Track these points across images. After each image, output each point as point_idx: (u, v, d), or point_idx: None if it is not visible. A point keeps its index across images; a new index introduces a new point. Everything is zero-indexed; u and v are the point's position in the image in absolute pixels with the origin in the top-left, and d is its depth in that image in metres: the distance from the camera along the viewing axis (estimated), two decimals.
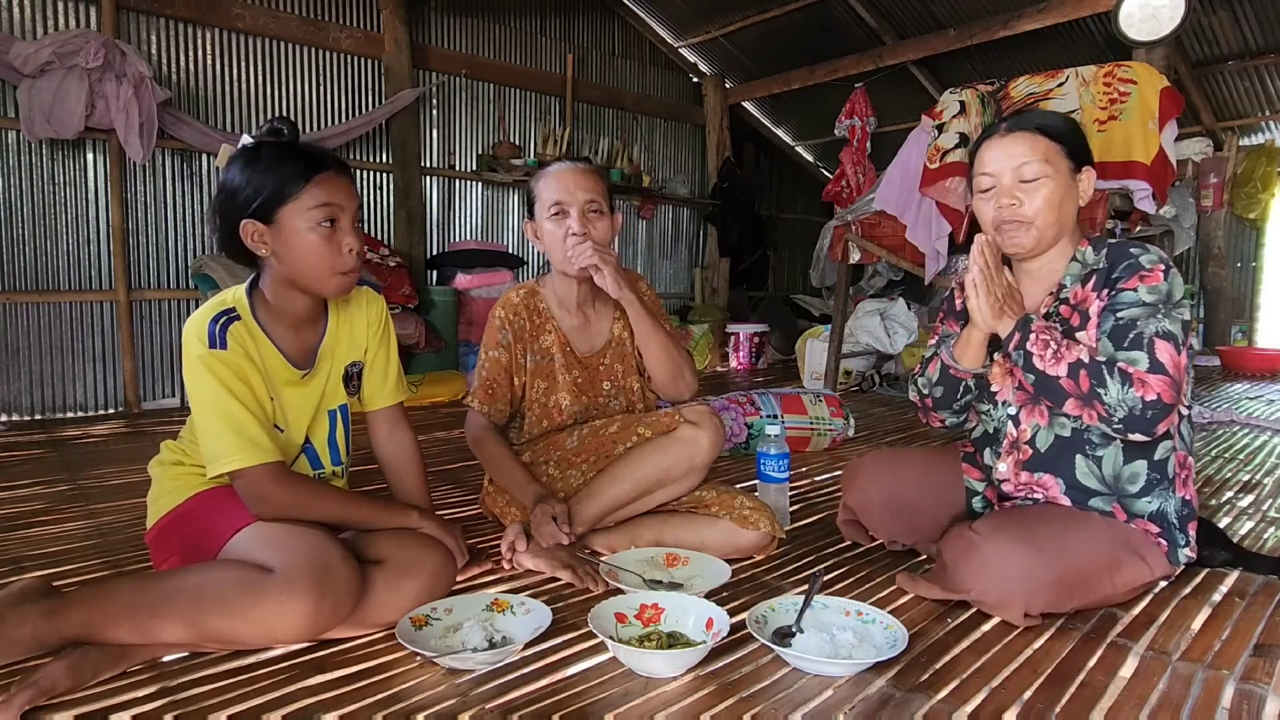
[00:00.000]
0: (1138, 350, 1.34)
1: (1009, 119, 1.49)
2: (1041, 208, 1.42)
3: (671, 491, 1.71)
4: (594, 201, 1.73)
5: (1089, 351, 1.36)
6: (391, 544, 1.39)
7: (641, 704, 1.12)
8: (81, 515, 2.08)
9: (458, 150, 5.06)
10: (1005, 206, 1.45)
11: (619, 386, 1.89)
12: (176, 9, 3.82)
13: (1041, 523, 1.42)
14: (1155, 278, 1.37)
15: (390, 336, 1.61)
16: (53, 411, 3.66)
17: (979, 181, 1.50)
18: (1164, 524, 1.45)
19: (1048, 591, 1.33)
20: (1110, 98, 3.22)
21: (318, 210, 1.33)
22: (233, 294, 1.41)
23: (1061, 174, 1.43)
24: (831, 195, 5.82)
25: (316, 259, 1.35)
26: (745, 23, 5.77)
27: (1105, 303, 1.41)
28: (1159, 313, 1.35)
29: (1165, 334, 1.34)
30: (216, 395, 1.29)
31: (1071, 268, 1.48)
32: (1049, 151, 1.43)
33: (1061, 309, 1.47)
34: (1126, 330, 1.36)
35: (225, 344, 1.31)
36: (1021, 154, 1.44)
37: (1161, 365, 1.32)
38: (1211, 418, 3.57)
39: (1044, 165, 1.42)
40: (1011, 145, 1.45)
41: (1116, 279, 1.41)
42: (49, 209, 3.60)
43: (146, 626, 1.18)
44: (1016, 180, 1.44)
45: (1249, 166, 5.81)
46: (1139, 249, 1.42)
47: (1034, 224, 1.43)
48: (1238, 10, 4.82)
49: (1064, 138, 1.45)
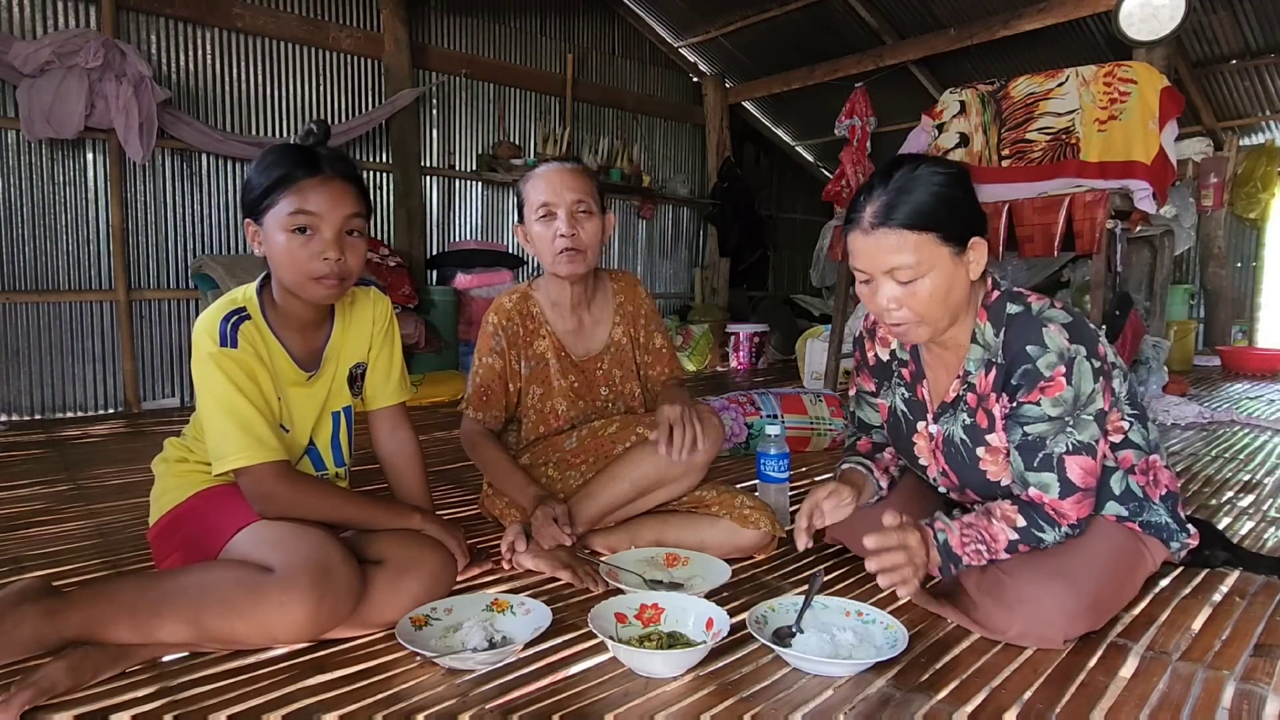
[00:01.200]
0: (1048, 472, 1.30)
1: (873, 203, 1.28)
2: (924, 308, 1.29)
3: (671, 491, 1.71)
4: (582, 201, 1.72)
5: (1007, 520, 1.32)
6: (392, 544, 1.39)
7: (641, 704, 1.12)
8: (81, 515, 2.08)
9: (458, 150, 5.06)
10: (887, 310, 1.32)
11: (617, 391, 1.89)
12: (176, 9, 3.82)
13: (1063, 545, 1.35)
14: (1057, 387, 1.28)
15: (394, 335, 1.61)
16: (53, 411, 3.66)
17: (855, 273, 1.35)
18: (1158, 530, 1.45)
19: (1087, 616, 1.31)
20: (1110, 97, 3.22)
21: (293, 216, 1.33)
22: (243, 293, 1.41)
23: (941, 264, 1.27)
24: (831, 195, 5.80)
25: (288, 265, 1.35)
26: (745, 23, 5.77)
27: (1006, 410, 1.35)
28: (1066, 425, 1.29)
29: (1076, 447, 1.29)
30: (225, 393, 1.30)
31: (973, 351, 1.38)
32: (920, 246, 1.25)
33: (969, 397, 1.40)
34: (1036, 449, 1.31)
35: (236, 343, 1.32)
36: (889, 256, 1.27)
37: (1072, 486, 1.30)
38: (1211, 418, 3.56)
39: (917, 265, 1.26)
40: (878, 244, 1.28)
41: (1017, 386, 1.32)
42: (49, 209, 3.60)
43: (147, 626, 1.18)
44: (892, 283, 1.29)
45: (1249, 166, 5.81)
46: (1034, 344, 1.29)
47: (922, 322, 1.31)
48: (1238, 10, 4.82)
49: (936, 222, 1.25)
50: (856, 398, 1.68)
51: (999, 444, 1.38)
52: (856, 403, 1.69)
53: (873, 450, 1.65)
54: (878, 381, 1.61)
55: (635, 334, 1.91)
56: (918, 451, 1.52)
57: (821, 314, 6.50)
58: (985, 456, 1.40)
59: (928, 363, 1.49)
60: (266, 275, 1.45)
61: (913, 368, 1.51)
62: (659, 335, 1.93)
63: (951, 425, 1.44)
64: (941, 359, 1.46)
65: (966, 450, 1.42)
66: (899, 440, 1.58)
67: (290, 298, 1.41)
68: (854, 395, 1.69)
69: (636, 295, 1.92)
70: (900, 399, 1.54)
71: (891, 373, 1.57)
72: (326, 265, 1.34)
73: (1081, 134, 3.28)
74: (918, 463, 1.54)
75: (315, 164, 1.35)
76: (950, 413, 1.44)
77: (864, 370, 1.64)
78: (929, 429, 1.48)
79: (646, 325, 1.92)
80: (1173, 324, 5.37)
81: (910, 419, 1.52)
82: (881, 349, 1.59)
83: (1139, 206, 3.07)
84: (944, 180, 1.28)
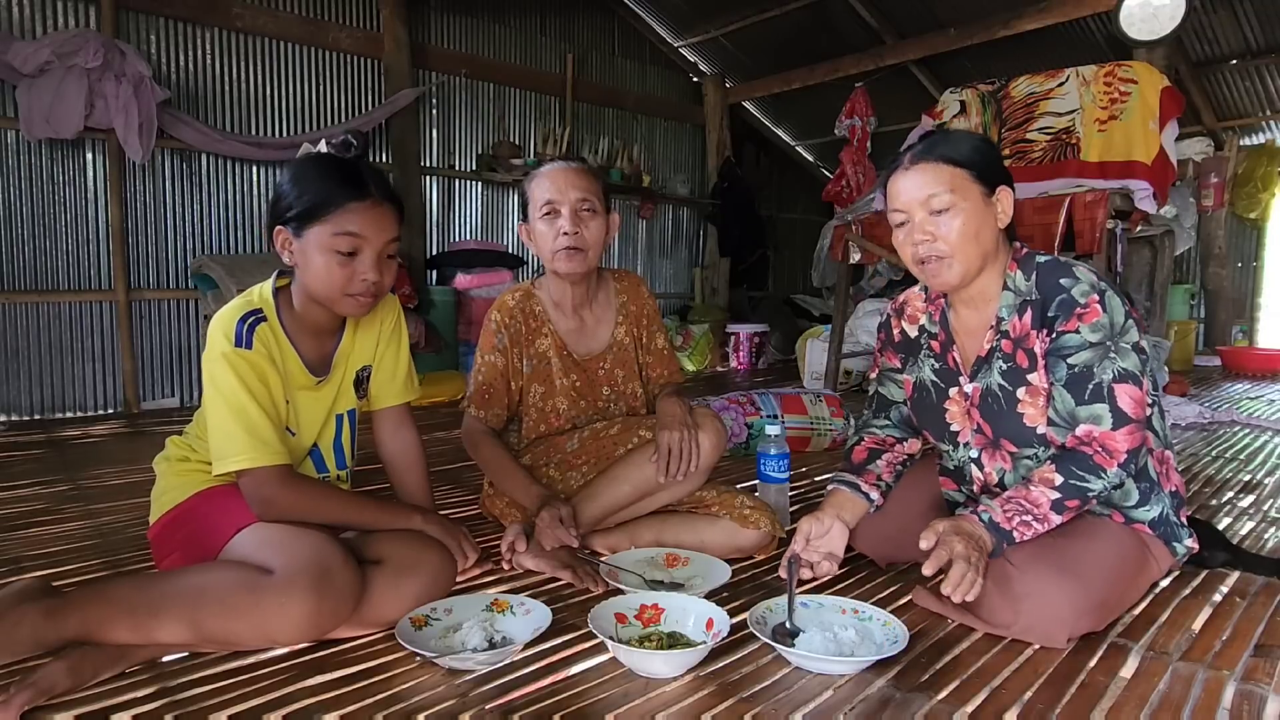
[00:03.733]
0: (1099, 403, 1.31)
1: (914, 148, 1.43)
2: (957, 241, 1.36)
3: (672, 494, 1.71)
4: (586, 200, 1.72)
5: (1045, 483, 1.32)
6: (392, 544, 1.39)
7: (641, 704, 1.12)
8: (81, 515, 2.08)
9: (457, 150, 5.06)
10: (921, 243, 1.39)
11: (619, 392, 1.88)
12: (176, 9, 3.82)
13: (1069, 540, 1.36)
14: (1093, 313, 1.33)
15: (401, 335, 1.61)
16: (52, 411, 3.66)
17: (892, 217, 1.45)
18: (1164, 526, 1.45)
19: (1092, 615, 1.31)
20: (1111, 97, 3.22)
21: (339, 238, 1.33)
22: (259, 294, 1.41)
23: (973, 200, 1.37)
24: (831, 195, 5.81)
25: (326, 282, 1.36)
26: (745, 22, 5.77)
27: (1047, 345, 1.37)
28: (1110, 351, 1.32)
29: (1123, 374, 1.31)
30: (234, 393, 1.30)
31: (1005, 297, 1.43)
32: (955, 180, 1.37)
33: (1003, 344, 1.43)
34: (1084, 381, 1.33)
35: (251, 344, 1.32)
36: (927, 186, 1.38)
37: (1125, 415, 1.30)
38: (1212, 418, 3.56)
39: (952, 195, 1.36)
40: (916, 177, 1.39)
41: (1054, 318, 1.36)
42: (48, 209, 3.59)
43: (146, 627, 1.18)
44: (927, 214, 1.38)
45: (1249, 166, 5.81)
46: (1067, 277, 1.36)
47: (954, 258, 1.38)
48: (1238, 10, 4.82)
49: (970, 162, 1.38)
50: (880, 376, 1.69)
51: (1039, 383, 1.39)
52: (880, 381, 1.69)
53: (866, 460, 1.64)
54: (904, 357, 1.63)
55: (638, 334, 1.91)
56: (949, 418, 1.53)
57: (821, 314, 6.50)
58: (1025, 399, 1.40)
59: (956, 330, 1.53)
60: (280, 274, 1.45)
61: (942, 337, 1.54)
62: (660, 336, 1.93)
63: (989, 377, 1.45)
64: (969, 323, 1.50)
65: (1005, 395, 1.43)
66: (926, 412, 1.58)
67: (312, 306, 1.42)
68: (876, 375, 1.70)
69: (640, 295, 1.92)
70: (930, 370, 1.56)
71: (920, 347, 1.59)
72: (364, 285, 1.36)
73: (1082, 134, 3.28)
74: (948, 430, 1.54)
75: (363, 187, 1.35)
76: (986, 366, 1.46)
77: (889, 349, 1.67)
78: (964, 389, 1.49)
79: (649, 326, 1.92)
80: (1173, 324, 5.37)
81: (941, 387, 1.54)
82: (909, 325, 1.62)
83: (1139, 206, 3.08)
84: (977, 137, 1.47)
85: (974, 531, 1.32)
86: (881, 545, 1.67)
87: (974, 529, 1.32)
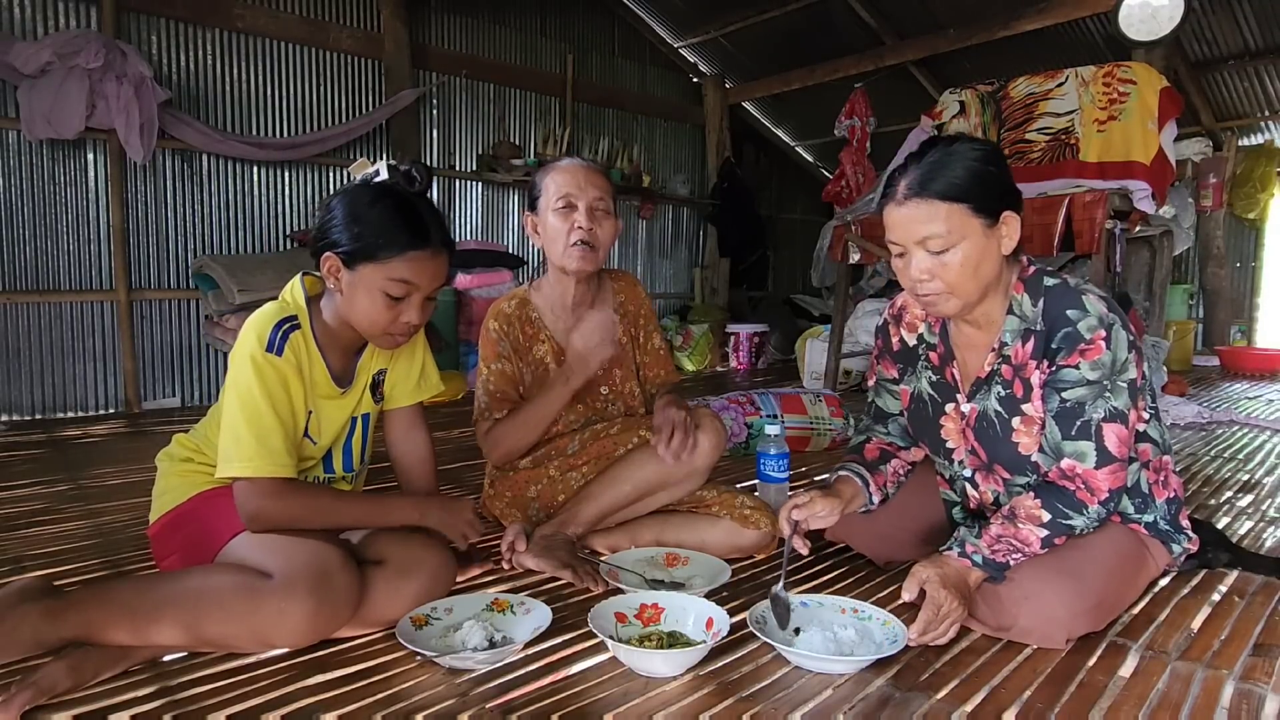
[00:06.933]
0: (1085, 440, 1.29)
1: (909, 175, 1.32)
2: (955, 280, 1.30)
3: (672, 494, 1.71)
4: (603, 199, 1.73)
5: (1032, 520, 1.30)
6: (392, 544, 1.39)
7: (641, 704, 1.12)
8: (81, 515, 2.08)
9: (458, 150, 5.06)
10: (919, 281, 1.33)
11: (617, 391, 1.89)
12: (177, 9, 3.82)
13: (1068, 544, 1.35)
14: (1096, 350, 1.29)
15: (418, 338, 1.60)
16: (53, 411, 3.66)
17: (890, 245, 1.38)
18: (1158, 532, 1.45)
19: (1091, 615, 1.31)
20: (1110, 98, 3.22)
21: (393, 284, 1.34)
22: (294, 299, 1.41)
23: (973, 235, 1.28)
24: (831, 195, 5.82)
25: (370, 318, 1.37)
26: (745, 23, 5.77)
27: (1046, 375, 1.34)
28: (1105, 391, 1.29)
29: (1113, 414, 1.29)
30: (253, 397, 1.29)
31: (1009, 322, 1.38)
32: (952, 218, 1.27)
33: (1003, 369, 1.39)
34: (1074, 416, 1.30)
35: (282, 351, 1.32)
36: (922, 226, 1.29)
37: (1109, 455, 1.29)
38: (1211, 418, 3.56)
39: (949, 235, 1.28)
40: (911, 214, 1.30)
41: (1056, 350, 1.32)
42: (49, 209, 3.59)
43: (145, 629, 1.18)
44: (925, 253, 1.31)
45: (1248, 166, 5.81)
46: (1075, 308, 1.31)
47: (953, 294, 1.32)
48: (1237, 10, 4.82)
49: (968, 195, 1.27)
50: (876, 386, 1.65)
51: (1035, 413, 1.36)
52: (876, 391, 1.65)
53: (879, 459, 1.61)
54: (901, 367, 1.59)
55: (635, 334, 1.91)
56: (944, 434, 1.51)
57: (821, 314, 6.50)
58: (1019, 427, 1.38)
59: (957, 344, 1.48)
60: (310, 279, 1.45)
61: (941, 349, 1.50)
62: (656, 335, 1.93)
63: (986, 400, 1.42)
64: (972, 339, 1.45)
65: (1001, 422, 1.40)
66: (922, 425, 1.55)
67: (346, 327, 1.42)
68: (873, 384, 1.66)
69: (637, 295, 1.92)
70: (927, 383, 1.53)
71: (918, 357, 1.55)
72: (404, 327, 1.39)
73: (1081, 134, 3.29)
74: (944, 446, 1.52)
75: (426, 236, 1.36)
76: (985, 388, 1.42)
77: (886, 357, 1.62)
78: (960, 408, 1.46)
79: (645, 325, 1.92)
80: (1172, 324, 5.37)
81: (938, 401, 1.51)
82: (908, 333, 1.57)
83: (1138, 207, 3.08)
84: (977, 156, 1.30)
85: (960, 579, 1.30)
86: (880, 545, 1.67)
87: (960, 574, 1.31)
